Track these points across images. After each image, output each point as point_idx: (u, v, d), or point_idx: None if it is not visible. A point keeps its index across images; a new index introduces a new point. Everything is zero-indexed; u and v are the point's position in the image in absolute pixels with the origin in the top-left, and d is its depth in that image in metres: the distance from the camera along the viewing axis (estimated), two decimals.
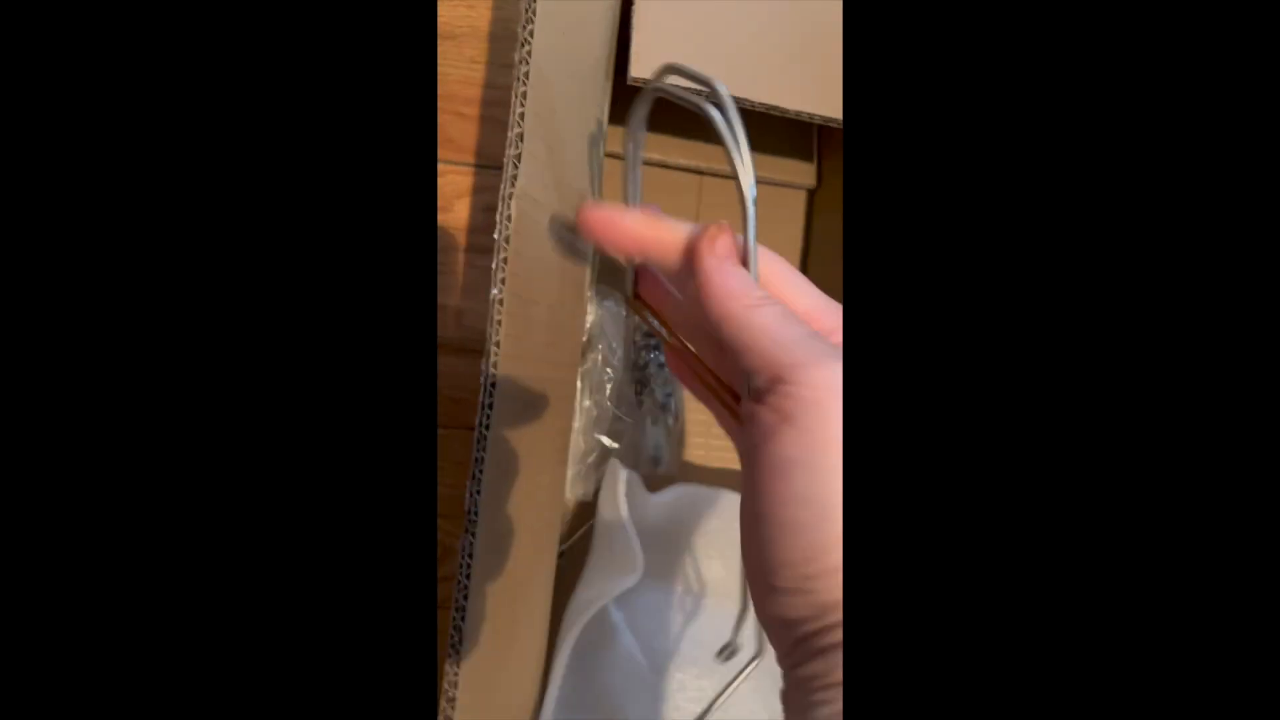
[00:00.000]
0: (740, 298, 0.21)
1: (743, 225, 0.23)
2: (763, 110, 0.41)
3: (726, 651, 0.44)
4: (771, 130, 0.50)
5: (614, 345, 0.49)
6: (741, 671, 0.45)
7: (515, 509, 0.34)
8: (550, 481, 0.42)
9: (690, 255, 0.22)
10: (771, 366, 0.20)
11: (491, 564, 0.32)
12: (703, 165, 0.55)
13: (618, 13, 0.43)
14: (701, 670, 0.47)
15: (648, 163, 0.55)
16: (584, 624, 0.42)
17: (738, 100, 0.44)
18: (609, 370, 0.51)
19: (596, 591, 0.43)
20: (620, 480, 0.46)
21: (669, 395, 0.53)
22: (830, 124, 0.42)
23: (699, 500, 0.49)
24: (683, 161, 0.55)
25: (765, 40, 0.42)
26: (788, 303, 0.22)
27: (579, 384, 0.47)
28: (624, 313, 0.49)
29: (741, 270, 0.22)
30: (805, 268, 0.56)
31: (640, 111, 0.27)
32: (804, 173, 0.57)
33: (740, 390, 0.24)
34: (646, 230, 0.23)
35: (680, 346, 0.26)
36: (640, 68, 0.40)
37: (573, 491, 0.49)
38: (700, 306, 0.22)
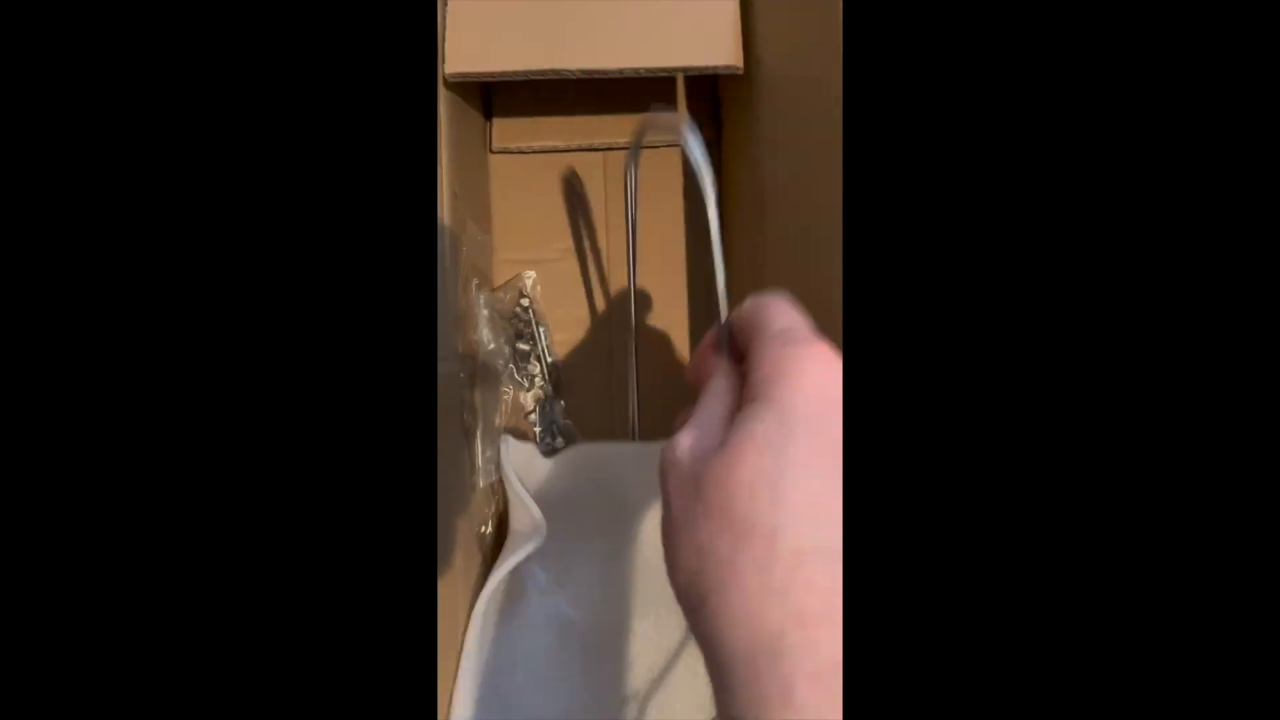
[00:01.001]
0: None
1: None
2: (616, 75, 0.43)
3: None
4: (628, 91, 0.53)
5: (488, 337, 0.51)
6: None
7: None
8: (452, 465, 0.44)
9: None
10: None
11: None
12: (599, 142, 0.56)
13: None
14: (659, 619, 0.49)
15: (547, 150, 0.57)
16: (493, 589, 0.45)
17: (583, 72, 0.43)
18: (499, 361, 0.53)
19: (507, 556, 0.46)
20: (504, 450, 0.49)
21: (550, 372, 0.55)
22: (691, 72, 0.44)
23: (598, 456, 0.51)
24: (582, 142, 0.56)
25: (588, 10, 0.44)
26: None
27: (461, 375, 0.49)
28: (484, 307, 0.51)
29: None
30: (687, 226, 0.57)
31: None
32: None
33: None
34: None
35: None
36: (456, 63, 0.43)
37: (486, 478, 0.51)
38: None
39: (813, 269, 0.36)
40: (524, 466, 0.49)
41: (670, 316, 0.55)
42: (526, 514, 0.46)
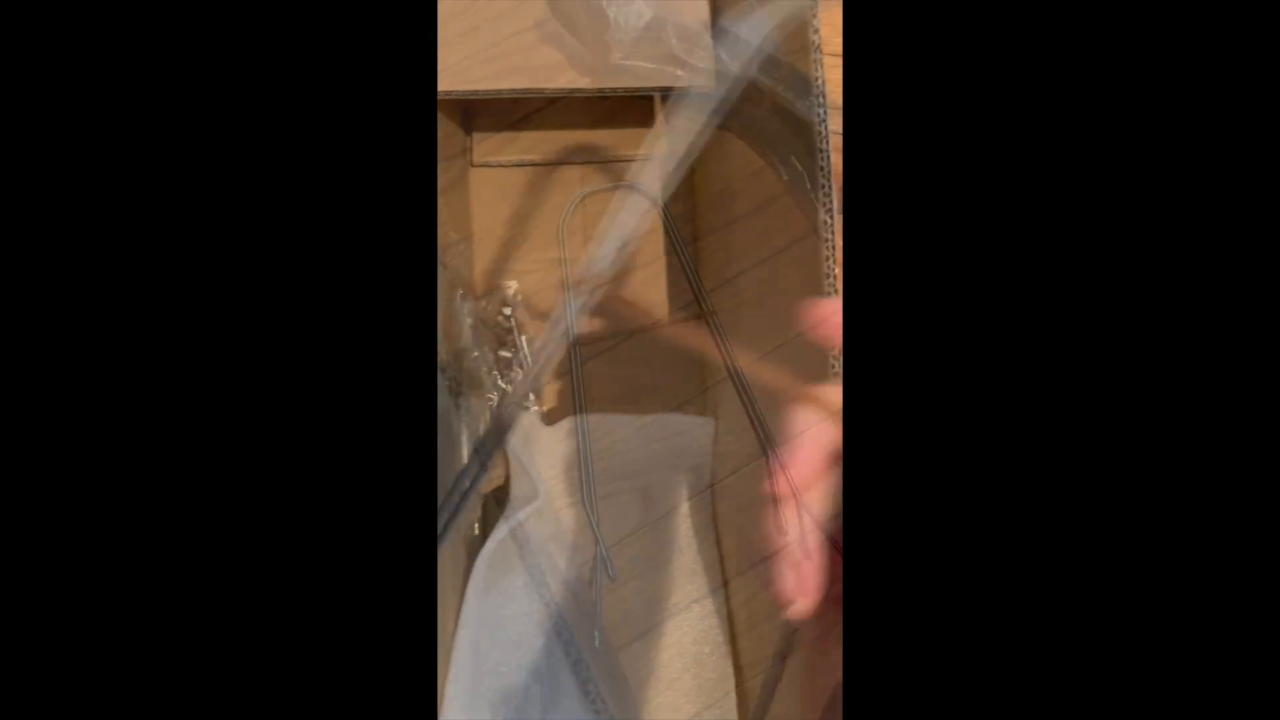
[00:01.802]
0: None
1: None
2: (594, 95, 0.43)
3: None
4: (605, 107, 0.55)
5: (472, 345, 0.52)
6: None
7: None
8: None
9: None
10: None
11: None
12: (578, 156, 0.58)
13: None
14: (651, 578, 0.52)
15: (527, 164, 0.58)
16: (493, 548, 0.47)
17: (565, 93, 0.44)
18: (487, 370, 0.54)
19: (507, 518, 0.48)
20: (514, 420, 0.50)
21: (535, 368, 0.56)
22: (667, 92, 0.45)
23: (597, 426, 0.54)
24: (562, 156, 0.58)
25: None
26: None
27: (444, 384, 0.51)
28: (468, 316, 0.52)
29: None
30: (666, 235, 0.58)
31: None
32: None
33: None
34: None
35: None
36: (442, 82, 0.43)
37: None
38: None
39: (787, 274, 0.38)
40: (525, 434, 0.52)
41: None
42: (526, 479, 0.48)
